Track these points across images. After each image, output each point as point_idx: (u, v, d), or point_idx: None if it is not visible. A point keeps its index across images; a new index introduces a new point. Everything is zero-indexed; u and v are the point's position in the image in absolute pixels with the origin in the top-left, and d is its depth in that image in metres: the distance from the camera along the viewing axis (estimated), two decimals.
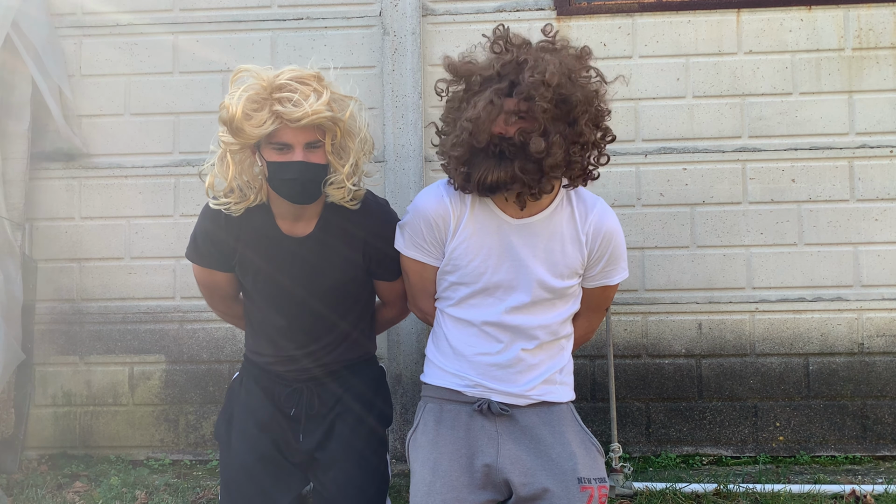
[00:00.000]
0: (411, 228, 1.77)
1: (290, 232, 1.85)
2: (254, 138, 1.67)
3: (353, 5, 2.94)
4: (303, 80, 1.68)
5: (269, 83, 1.65)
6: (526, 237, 1.71)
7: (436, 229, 1.73)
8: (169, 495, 2.58)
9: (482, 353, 1.72)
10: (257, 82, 1.66)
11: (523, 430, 1.70)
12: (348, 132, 1.75)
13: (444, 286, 1.79)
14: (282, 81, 1.65)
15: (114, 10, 2.98)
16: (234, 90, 1.68)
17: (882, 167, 2.84)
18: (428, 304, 1.87)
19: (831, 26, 2.85)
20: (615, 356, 2.84)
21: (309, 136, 1.69)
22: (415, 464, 1.72)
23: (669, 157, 2.86)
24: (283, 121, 1.66)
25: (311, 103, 1.64)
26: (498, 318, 1.71)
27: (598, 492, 1.64)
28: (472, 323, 1.73)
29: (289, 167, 1.69)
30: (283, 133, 1.67)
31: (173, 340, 2.96)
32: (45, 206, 2.98)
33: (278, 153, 1.70)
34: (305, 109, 1.63)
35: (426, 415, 1.78)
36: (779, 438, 2.85)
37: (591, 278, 1.78)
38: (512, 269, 1.71)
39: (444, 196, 1.73)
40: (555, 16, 2.90)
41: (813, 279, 2.85)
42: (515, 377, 1.72)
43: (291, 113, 1.63)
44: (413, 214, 1.77)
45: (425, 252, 1.77)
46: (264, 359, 1.94)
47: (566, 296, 1.75)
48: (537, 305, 1.72)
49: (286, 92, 1.65)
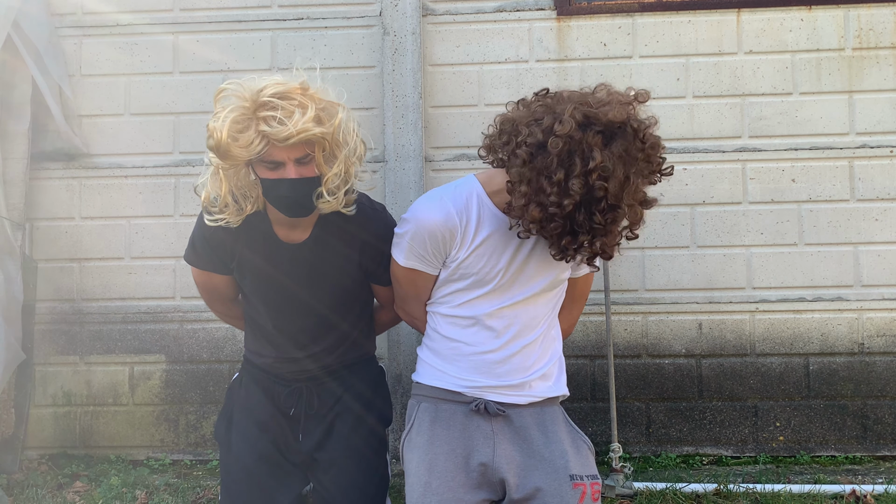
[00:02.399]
0: (413, 240, 1.71)
1: (288, 238, 1.84)
2: (243, 159, 1.64)
3: (353, 5, 2.94)
4: (286, 95, 1.63)
5: (252, 102, 1.61)
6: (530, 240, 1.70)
7: (442, 242, 1.69)
8: (169, 495, 2.58)
9: (482, 350, 1.72)
10: (240, 102, 1.62)
11: (517, 431, 1.71)
12: (337, 142, 1.71)
13: (445, 293, 1.77)
14: (265, 99, 1.61)
15: (114, 10, 2.98)
16: (218, 110, 1.64)
17: (882, 167, 2.84)
18: (417, 309, 1.85)
19: (831, 26, 2.85)
20: (615, 356, 2.84)
21: (299, 151, 1.66)
22: (410, 464, 1.72)
23: (670, 156, 2.81)
24: (270, 140, 1.62)
25: (296, 121, 1.60)
26: (498, 310, 1.71)
27: (591, 488, 1.65)
28: (472, 318, 1.73)
29: (282, 184, 1.67)
30: (272, 152, 1.64)
31: (173, 340, 2.96)
32: (45, 206, 2.98)
33: (270, 171, 1.67)
34: (290, 130, 1.59)
35: (421, 414, 1.78)
36: (779, 438, 2.85)
37: (580, 267, 1.79)
38: (515, 270, 1.71)
39: (451, 208, 1.68)
40: (555, 16, 2.90)
41: (813, 279, 2.84)
42: (514, 373, 1.72)
43: (278, 133, 1.60)
44: (416, 226, 1.70)
45: (427, 263, 1.73)
46: (264, 359, 1.94)
47: (559, 286, 1.77)
48: (537, 297, 1.72)
49: (269, 110, 1.60)
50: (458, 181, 1.74)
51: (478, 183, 1.70)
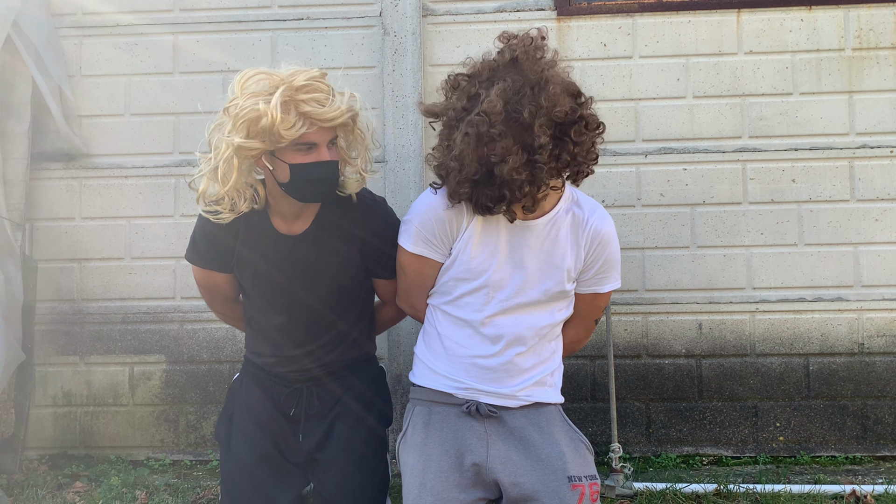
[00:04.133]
0: (421, 224, 1.75)
1: (288, 230, 1.85)
2: (286, 141, 1.66)
3: (353, 5, 2.94)
4: (318, 79, 1.69)
5: (289, 85, 1.64)
6: (527, 238, 1.72)
7: (448, 226, 1.73)
8: (169, 495, 2.58)
9: (476, 355, 1.73)
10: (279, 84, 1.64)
11: (512, 432, 1.71)
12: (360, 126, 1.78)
13: (443, 280, 1.79)
14: (302, 83, 1.65)
15: (114, 10, 2.98)
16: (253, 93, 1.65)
17: (882, 167, 2.84)
18: (421, 300, 1.87)
19: (831, 26, 2.85)
20: (615, 356, 2.84)
21: (331, 134, 1.71)
22: (405, 467, 1.74)
23: (670, 157, 2.86)
24: (312, 121, 1.66)
25: (338, 102, 1.67)
26: (493, 318, 1.71)
27: (590, 489, 1.65)
28: (468, 322, 1.73)
29: (318, 167, 1.70)
30: (311, 133, 1.68)
31: (173, 340, 2.96)
32: (45, 207, 2.98)
33: (303, 154, 1.70)
34: (336, 110, 1.66)
35: (415, 418, 1.80)
36: (779, 438, 2.85)
37: (583, 283, 1.79)
38: (511, 268, 1.71)
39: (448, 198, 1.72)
40: (555, 16, 2.90)
41: (813, 279, 2.85)
42: (507, 379, 1.73)
43: (324, 113, 1.65)
44: (423, 211, 1.75)
45: (433, 248, 1.76)
46: (264, 359, 1.95)
47: (561, 299, 1.76)
48: (533, 307, 1.73)
49: (308, 93, 1.65)
50: None
51: None
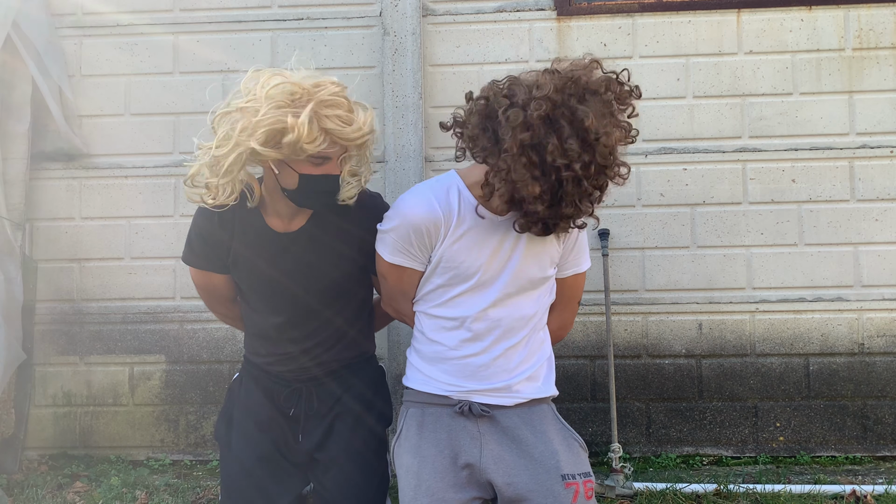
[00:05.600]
0: (397, 235, 1.71)
1: (284, 228, 1.85)
2: (304, 155, 1.65)
3: (353, 5, 2.94)
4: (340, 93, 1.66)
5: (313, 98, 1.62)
6: (511, 230, 1.70)
7: (426, 236, 1.69)
8: (169, 495, 2.58)
9: (466, 354, 1.72)
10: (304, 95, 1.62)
11: (505, 431, 1.71)
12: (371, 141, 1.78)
13: (428, 288, 1.77)
14: (326, 97, 1.63)
15: (114, 10, 2.98)
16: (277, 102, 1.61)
17: (882, 167, 2.84)
18: (406, 306, 1.86)
19: (831, 26, 2.85)
20: (615, 356, 2.84)
21: (346, 149, 1.71)
22: (400, 469, 1.74)
23: (670, 157, 2.86)
24: (334, 139, 1.65)
25: (362, 122, 1.66)
26: (482, 311, 1.71)
27: (584, 486, 1.64)
28: (456, 320, 1.73)
29: (328, 180, 1.70)
30: (328, 149, 1.67)
31: (173, 340, 2.96)
32: (45, 207, 2.98)
33: (315, 166, 1.69)
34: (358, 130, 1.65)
35: (408, 420, 1.79)
36: (779, 439, 2.85)
37: (565, 266, 1.79)
38: (501, 261, 1.71)
39: (434, 201, 1.69)
40: (555, 16, 2.90)
41: (813, 279, 2.85)
42: (501, 374, 1.72)
43: (348, 133, 1.64)
44: (400, 222, 1.70)
45: (412, 258, 1.73)
46: (263, 359, 1.94)
47: (545, 286, 1.77)
48: (519, 296, 1.72)
49: (334, 108, 1.63)
50: (439, 176, 1.76)
51: (457, 177, 1.72)
